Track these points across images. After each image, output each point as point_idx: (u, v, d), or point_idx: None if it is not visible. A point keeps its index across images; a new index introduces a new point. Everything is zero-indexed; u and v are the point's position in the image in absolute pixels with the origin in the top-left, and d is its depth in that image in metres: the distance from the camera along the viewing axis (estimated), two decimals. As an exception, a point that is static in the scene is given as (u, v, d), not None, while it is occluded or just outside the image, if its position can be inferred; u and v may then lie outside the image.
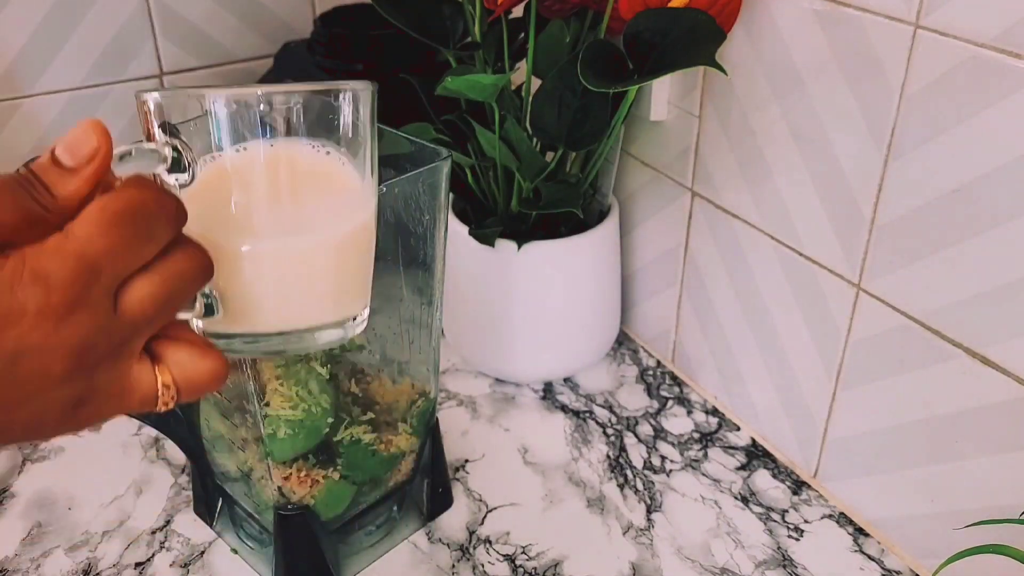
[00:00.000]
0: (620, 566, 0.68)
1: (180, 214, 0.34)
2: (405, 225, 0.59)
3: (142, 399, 0.35)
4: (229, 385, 0.58)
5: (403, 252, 0.60)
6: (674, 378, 0.88)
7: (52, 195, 0.31)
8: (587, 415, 0.84)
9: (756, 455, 0.79)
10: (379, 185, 0.44)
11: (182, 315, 0.37)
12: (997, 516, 0.60)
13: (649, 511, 0.73)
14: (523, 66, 0.77)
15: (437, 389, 0.68)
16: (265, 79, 1.00)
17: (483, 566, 0.68)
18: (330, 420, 0.60)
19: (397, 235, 0.59)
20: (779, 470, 0.77)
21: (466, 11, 0.77)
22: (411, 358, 0.65)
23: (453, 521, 0.72)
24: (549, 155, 0.78)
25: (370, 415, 0.63)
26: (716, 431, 0.81)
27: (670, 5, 0.66)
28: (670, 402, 0.85)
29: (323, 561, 0.64)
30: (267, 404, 0.57)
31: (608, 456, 0.79)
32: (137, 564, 0.68)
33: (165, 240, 0.33)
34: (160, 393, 0.35)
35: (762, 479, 0.76)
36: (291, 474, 0.60)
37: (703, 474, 0.77)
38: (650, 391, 0.87)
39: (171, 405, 0.36)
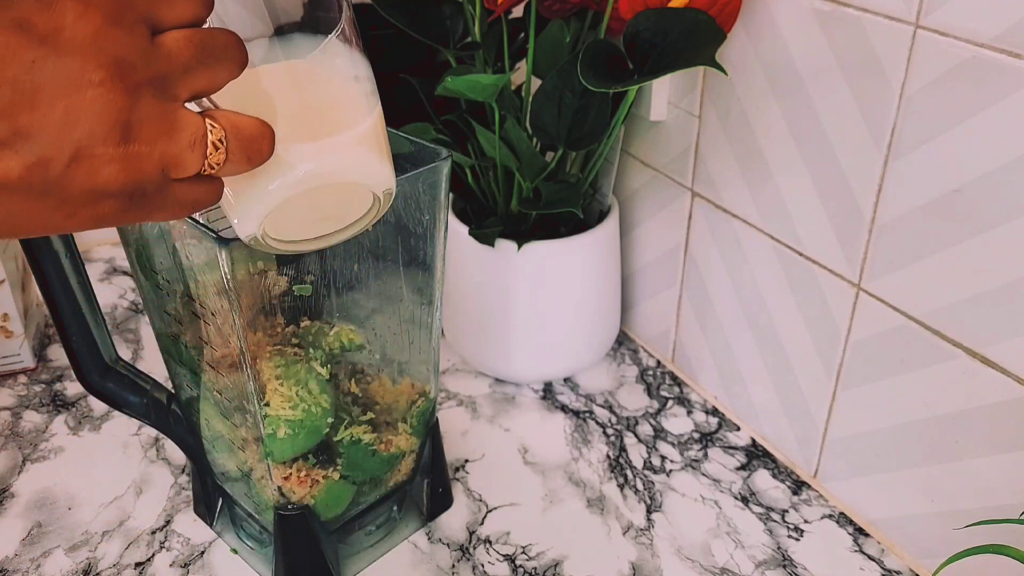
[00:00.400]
0: (620, 566, 0.68)
1: None
2: (405, 225, 0.59)
3: (192, 138, 0.35)
4: (229, 385, 0.58)
5: (403, 252, 0.60)
6: (674, 378, 0.88)
7: None
8: (587, 415, 0.84)
9: (756, 455, 0.79)
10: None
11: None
12: (997, 516, 0.60)
13: (649, 511, 0.73)
14: (523, 66, 0.78)
15: (437, 389, 0.68)
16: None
17: (483, 566, 0.68)
18: (330, 420, 0.60)
19: (397, 235, 0.59)
20: (779, 470, 0.77)
21: (466, 11, 0.77)
22: (411, 358, 0.65)
23: (453, 521, 0.72)
24: (549, 155, 0.78)
25: (370, 415, 0.63)
26: (716, 431, 0.81)
27: (670, 5, 0.66)
28: (670, 402, 0.85)
29: (323, 561, 0.64)
30: (267, 404, 0.57)
31: (608, 456, 0.79)
32: (137, 564, 0.68)
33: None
34: (209, 131, 0.35)
35: (762, 479, 0.76)
36: (291, 474, 0.60)
37: (703, 474, 0.77)
38: (650, 391, 0.87)
39: (222, 157, 0.35)
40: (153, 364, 0.86)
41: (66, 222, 0.33)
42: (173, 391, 0.66)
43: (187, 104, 0.35)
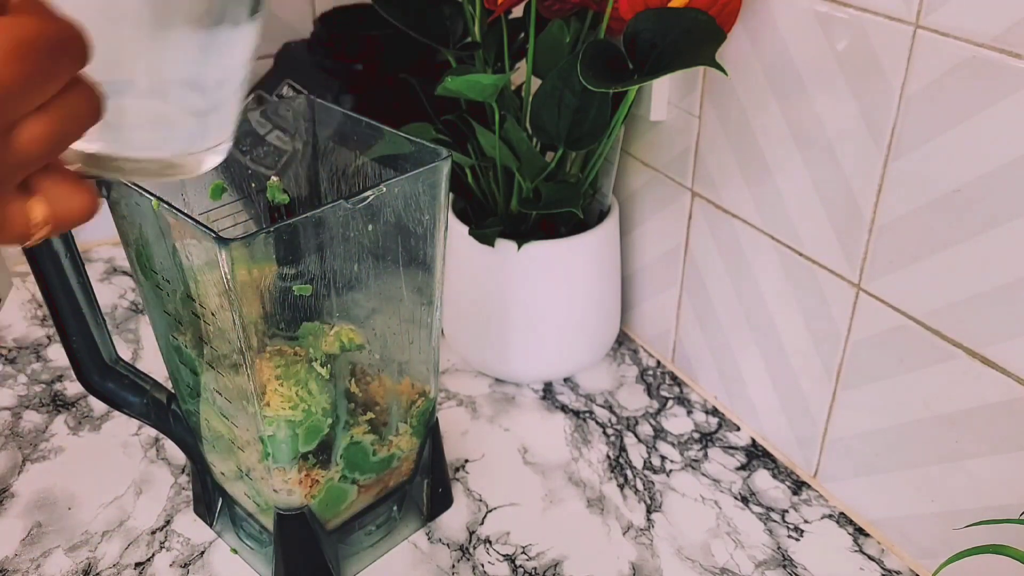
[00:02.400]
0: (620, 566, 0.68)
1: (86, 50, 0.31)
2: (405, 225, 0.59)
3: (13, 236, 0.33)
4: (229, 385, 0.58)
5: (403, 252, 0.60)
6: (674, 378, 0.88)
7: None
8: (587, 415, 0.84)
9: (756, 455, 0.79)
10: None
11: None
12: (997, 516, 0.60)
13: (649, 511, 0.73)
14: (523, 66, 0.77)
15: (437, 389, 0.68)
16: (265, 79, 1.00)
17: (483, 566, 0.68)
18: (330, 420, 0.60)
19: (397, 235, 0.59)
20: (779, 470, 0.77)
21: (466, 11, 0.77)
22: (411, 358, 0.65)
23: (453, 521, 0.72)
24: (549, 155, 0.78)
25: (370, 415, 0.63)
26: (716, 431, 0.81)
27: (670, 5, 0.66)
28: (670, 402, 0.85)
29: (323, 561, 0.64)
30: (267, 404, 0.57)
31: (608, 456, 0.79)
32: (137, 564, 0.68)
33: (67, 78, 0.31)
34: (32, 231, 0.33)
35: (762, 479, 0.76)
36: (291, 474, 0.60)
37: (703, 474, 0.77)
38: (650, 391, 0.87)
39: (45, 232, 0.33)
40: (153, 364, 0.85)
41: None
42: (173, 391, 0.66)
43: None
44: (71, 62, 0.30)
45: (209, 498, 0.70)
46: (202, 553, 0.69)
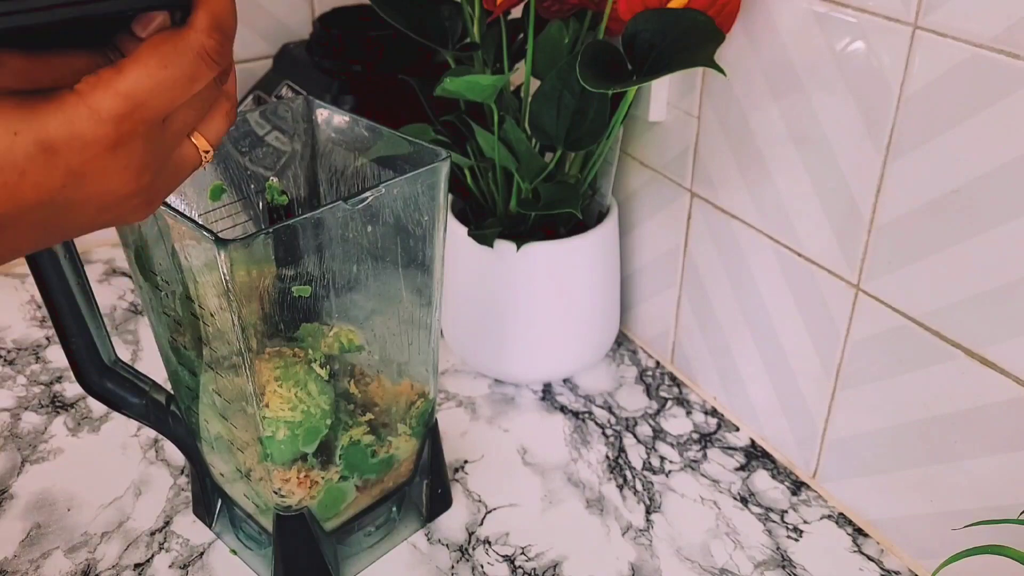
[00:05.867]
0: (619, 567, 0.68)
1: (224, 57, 0.37)
2: (404, 226, 0.59)
3: (192, 167, 0.40)
4: (228, 386, 0.58)
5: (402, 253, 0.60)
6: (673, 379, 0.89)
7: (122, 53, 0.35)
8: (586, 416, 0.84)
9: (755, 456, 0.79)
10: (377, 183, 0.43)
11: None
12: (996, 516, 0.60)
13: (648, 512, 0.73)
14: (522, 67, 0.77)
15: (436, 390, 0.68)
16: (265, 80, 1.00)
17: (482, 567, 0.68)
18: (329, 421, 0.60)
19: (396, 236, 0.59)
20: (778, 471, 0.77)
21: (465, 12, 0.77)
22: (410, 359, 0.66)
23: (452, 522, 0.72)
24: (548, 156, 0.78)
25: (369, 416, 0.63)
26: (715, 432, 0.82)
27: (669, 6, 0.66)
28: (669, 403, 0.85)
29: (322, 562, 0.64)
30: (266, 406, 0.57)
31: (607, 457, 0.79)
32: (136, 565, 0.68)
33: (208, 80, 0.37)
34: (203, 159, 0.40)
35: (761, 480, 0.76)
36: (290, 475, 0.60)
37: (702, 475, 0.77)
38: (649, 392, 0.87)
39: (211, 156, 0.41)
40: (152, 365, 0.85)
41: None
42: (172, 392, 0.66)
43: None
44: (209, 69, 0.37)
45: (208, 499, 0.70)
46: (201, 554, 0.69)
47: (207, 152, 0.40)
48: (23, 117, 0.33)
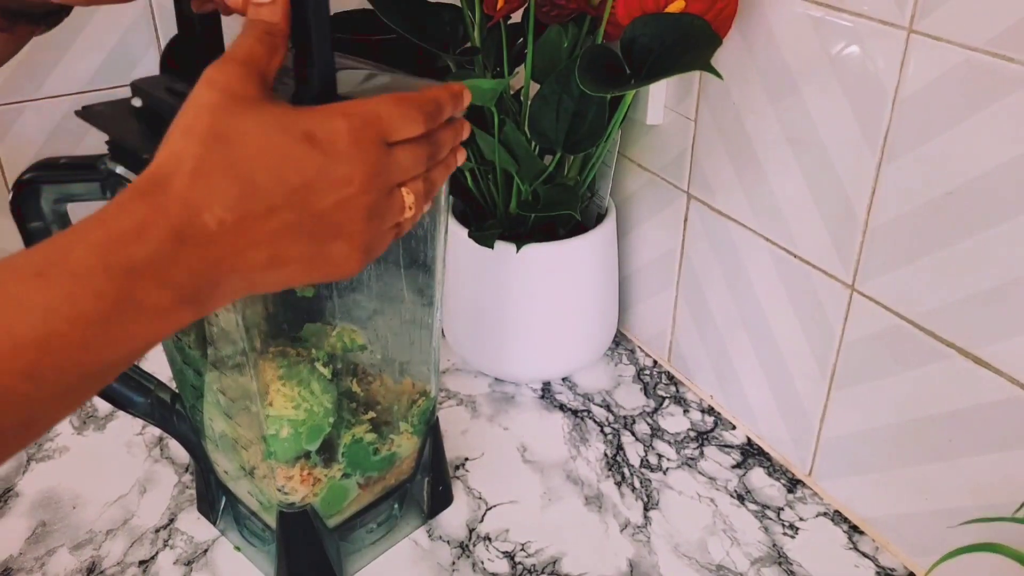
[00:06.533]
0: (618, 563, 0.69)
1: (461, 103, 0.49)
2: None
3: (397, 214, 0.46)
4: (232, 385, 0.59)
5: (404, 254, 0.61)
6: (670, 378, 0.89)
7: None
8: (585, 414, 0.84)
9: (752, 453, 0.79)
10: None
11: None
12: (990, 514, 0.60)
13: (646, 509, 0.74)
14: (522, 71, 0.78)
15: (437, 389, 0.69)
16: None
17: (483, 563, 0.69)
18: (332, 420, 0.61)
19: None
20: (774, 468, 0.78)
21: (465, 16, 0.77)
22: (412, 358, 0.66)
23: (453, 519, 0.73)
24: (547, 158, 0.78)
25: (372, 414, 0.64)
26: (712, 430, 0.82)
27: (666, 10, 0.67)
28: (667, 401, 0.86)
29: (325, 558, 0.65)
30: (270, 404, 0.58)
31: (606, 454, 0.79)
32: (141, 562, 0.69)
33: (429, 132, 0.46)
34: (406, 210, 0.46)
35: (757, 477, 0.77)
36: (294, 473, 0.61)
37: (699, 472, 0.77)
38: (647, 390, 0.87)
39: (416, 207, 0.47)
40: (157, 364, 0.86)
41: (321, 280, 0.45)
42: (177, 391, 0.67)
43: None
44: (446, 113, 0.48)
45: (212, 496, 0.71)
46: (205, 551, 0.70)
47: (411, 207, 0.46)
48: (293, 110, 0.42)
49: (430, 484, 0.71)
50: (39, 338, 0.35)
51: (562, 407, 0.85)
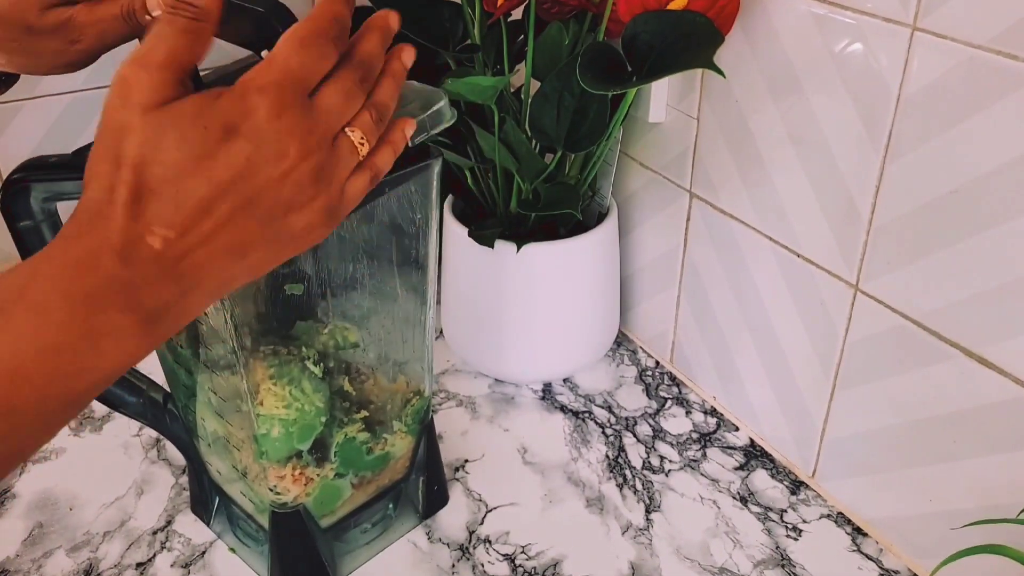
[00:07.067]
0: (619, 565, 0.68)
1: (346, 29, 0.44)
2: (398, 224, 0.60)
3: (350, 157, 0.45)
4: (223, 384, 0.59)
5: (397, 251, 0.61)
6: (673, 378, 0.89)
7: None
8: (586, 415, 0.84)
9: (754, 455, 0.79)
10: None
11: None
12: (994, 516, 0.60)
13: (648, 511, 0.73)
14: (522, 68, 0.78)
15: (431, 388, 0.68)
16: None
17: (483, 566, 0.68)
18: (324, 419, 0.60)
19: (391, 234, 0.60)
20: (777, 470, 0.77)
21: (466, 13, 0.77)
22: (405, 356, 0.66)
23: (453, 521, 0.72)
24: (548, 157, 0.78)
25: (364, 414, 0.63)
26: (714, 431, 0.82)
27: (668, 8, 0.66)
28: (669, 402, 0.85)
29: (319, 559, 0.64)
30: (260, 404, 0.58)
31: (607, 456, 0.79)
32: (138, 564, 0.68)
33: (341, 50, 0.44)
34: (359, 145, 0.45)
35: (760, 479, 0.76)
36: (285, 472, 0.61)
37: (702, 474, 0.77)
38: (649, 391, 0.87)
39: (367, 148, 0.46)
40: (149, 364, 0.86)
41: (295, 253, 0.44)
42: (169, 391, 0.66)
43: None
44: (340, 38, 0.44)
45: (206, 497, 0.70)
46: (203, 553, 0.69)
47: (362, 142, 0.45)
48: (207, 105, 0.40)
49: (425, 484, 0.71)
50: (9, 371, 0.36)
51: (563, 408, 0.85)
